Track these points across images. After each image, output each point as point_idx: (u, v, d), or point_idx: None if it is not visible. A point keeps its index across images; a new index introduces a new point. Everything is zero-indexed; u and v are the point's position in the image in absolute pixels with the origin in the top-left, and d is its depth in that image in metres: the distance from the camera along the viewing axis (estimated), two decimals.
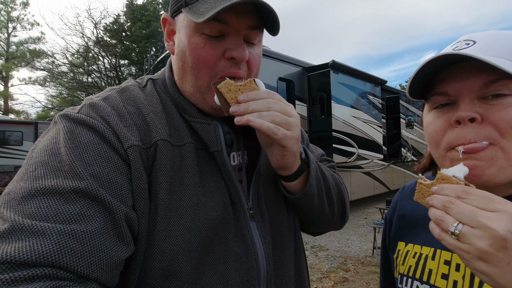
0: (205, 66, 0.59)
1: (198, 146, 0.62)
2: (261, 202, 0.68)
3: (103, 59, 19.52)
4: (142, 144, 0.54)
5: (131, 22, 19.31)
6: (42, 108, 20.80)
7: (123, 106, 0.57)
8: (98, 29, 18.89)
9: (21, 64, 20.89)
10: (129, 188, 0.51)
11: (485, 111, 0.48)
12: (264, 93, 0.59)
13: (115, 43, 19.43)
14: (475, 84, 0.50)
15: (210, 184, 0.61)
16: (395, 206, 0.76)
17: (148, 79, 0.68)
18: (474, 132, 0.48)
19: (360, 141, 7.24)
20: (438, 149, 0.55)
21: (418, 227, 0.66)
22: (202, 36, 0.58)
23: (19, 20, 22.30)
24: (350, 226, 6.54)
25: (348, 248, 5.14)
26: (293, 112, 0.61)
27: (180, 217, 0.54)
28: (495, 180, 0.49)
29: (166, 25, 0.66)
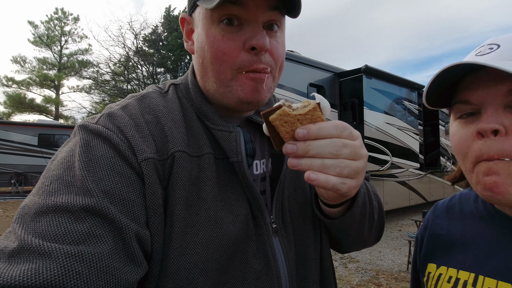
0: (226, 59, 0.55)
1: (218, 155, 0.59)
2: (285, 215, 0.63)
3: (141, 68, 20.81)
4: (158, 156, 0.52)
5: (167, 32, 20.42)
6: (87, 113, 22.54)
7: (141, 115, 0.55)
8: (138, 40, 20.21)
9: (70, 73, 23.00)
10: (142, 203, 0.48)
11: (511, 122, 0.45)
12: (331, 127, 0.47)
13: (153, 52, 20.63)
14: (500, 91, 0.46)
15: (230, 196, 0.57)
16: (427, 225, 0.71)
17: (171, 84, 0.66)
18: (498, 147, 0.45)
19: (394, 149, 6.91)
20: (465, 162, 0.51)
21: (454, 248, 0.61)
22: (220, 26, 0.54)
23: (70, 34, 24.62)
24: (383, 238, 6.23)
25: (380, 261, 4.90)
26: (362, 150, 0.50)
27: (197, 233, 0.51)
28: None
29: (184, 25, 0.64)
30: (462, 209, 0.65)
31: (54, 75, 23.55)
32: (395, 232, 6.68)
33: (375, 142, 6.46)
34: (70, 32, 24.72)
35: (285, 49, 0.62)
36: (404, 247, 5.43)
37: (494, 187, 0.45)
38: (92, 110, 22.54)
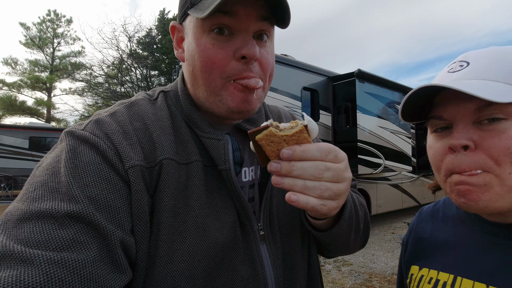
0: (215, 68, 0.55)
1: (206, 163, 0.59)
2: (273, 222, 0.63)
3: (135, 70, 20.69)
4: (146, 163, 0.52)
5: (161, 35, 20.40)
6: (80, 116, 22.27)
7: (130, 122, 0.55)
8: (132, 42, 20.12)
9: (63, 76, 22.74)
10: (128, 210, 0.48)
11: (479, 137, 0.48)
12: (315, 150, 0.48)
13: (147, 55, 20.57)
14: (468, 109, 0.49)
15: (217, 204, 0.57)
16: (412, 229, 0.74)
17: (160, 91, 0.66)
18: (468, 161, 0.48)
19: (387, 152, 6.98)
20: (439, 174, 0.54)
21: (436, 251, 0.64)
22: (210, 35, 0.54)
23: (63, 36, 24.39)
24: (376, 241, 6.27)
25: (374, 264, 4.92)
26: (345, 173, 0.51)
27: (184, 241, 0.51)
28: (493, 206, 0.48)
29: (175, 33, 0.64)
30: (446, 213, 0.68)
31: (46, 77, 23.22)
32: (388, 235, 6.73)
33: (368, 145, 6.52)
34: (63, 34, 24.48)
35: (274, 59, 0.63)
36: (397, 250, 5.46)
37: (467, 194, 0.48)
38: (85, 112, 22.29)
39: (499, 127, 0.47)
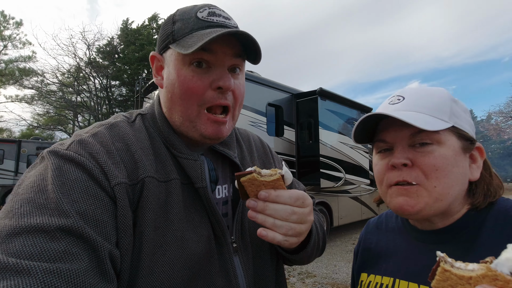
0: (193, 96, 0.61)
1: (184, 181, 0.64)
2: (245, 235, 0.69)
3: (94, 80, 19.58)
4: (129, 181, 0.55)
5: (124, 45, 19.68)
6: (27, 126, 20.31)
7: (112, 143, 0.58)
8: (91, 51, 19.11)
9: (8, 81, 20.64)
10: (114, 225, 0.51)
11: (414, 157, 0.59)
12: (287, 197, 0.58)
13: (107, 64, 19.62)
14: (405, 134, 0.60)
15: (194, 219, 0.62)
16: (361, 240, 0.82)
17: (138, 114, 0.70)
18: (406, 174, 0.59)
19: (347, 166, 7.36)
20: (382, 186, 0.65)
21: (380, 259, 0.72)
22: (190, 67, 0.61)
23: (10, 39, 22.31)
24: (338, 252, 6.48)
25: (336, 275, 5.07)
26: (309, 217, 0.62)
27: (164, 253, 0.55)
28: (423, 213, 0.58)
29: (154, 62, 0.69)
30: (387, 225, 0.78)
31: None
32: (349, 246, 7.00)
33: (329, 160, 6.82)
34: (11, 37, 22.43)
35: (244, 88, 0.71)
36: None
37: (403, 204, 0.59)
38: (34, 122, 20.40)
39: (428, 150, 0.58)
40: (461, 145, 0.60)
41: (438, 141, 0.58)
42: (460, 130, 0.60)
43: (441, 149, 0.58)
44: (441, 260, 0.40)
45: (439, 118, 0.59)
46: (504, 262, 0.35)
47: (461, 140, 0.60)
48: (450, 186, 0.57)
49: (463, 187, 0.60)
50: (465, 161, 0.60)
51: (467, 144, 0.61)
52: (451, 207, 0.60)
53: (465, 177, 0.60)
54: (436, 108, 0.60)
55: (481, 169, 0.62)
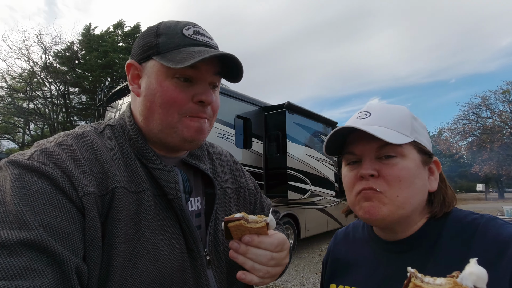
0: (175, 105, 0.63)
1: (156, 192, 0.63)
2: (219, 247, 0.70)
3: (49, 85, 18.20)
4: (99, 191, 0.54)
5: (86, 51, 18.65)
6: None
7: (80, 152, 0.56)
8: (48, 55, 17.84)
9: None
10: (81, 237, 0.49)
11: (380, 168, 0.63)
12: (268, 244, 0.63)
13: (66, 70, 18.40)
14: (373, 147, 0.64)
15: (167, 230, 0.61)
16: (330, 250, 0.84)
17: (106, 125, 0.69)
18: (372, 183, 0.63)
19: (314, 179, 7.54)
20: (351, 195, 0.68)
21: (349, 269, 0.74)
22: (174, 80, 0.63)
23: None
24: (305, 264, 6.54)
25: (303, 287, 5.08)
26: (285, 260, 0.67)
27: (135, 266, 0.54)
28: (388, 220, 0.62)
29: (131, 70, 0.69)
30: (355, 235, 0.80)
31: None
32: (316, 257, 7.10)
33: (297, 172, 6.95)
34: None
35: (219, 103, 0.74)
36: None
37: (370, 210, 0.62)
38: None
39: (392, 162, 0.62)
40: (421, 158, 0.65)
41: (402, 154, 0.63)
42: (420, 145, 0.65)
43: (404, 161, 0.62)
44: (412, 276, 0.42)
45: (402, 133, 0.64)
46: (468, 276, 0.39)
47: (421, 154, 0.65)
48: (411, 196, 0.62)
49: (423, 197, 0.64)
50: (424, 174, 0.65)
51: (426, 158, 0.66)
52: (412, 217, 0.64)
53: (425, 188, 0.65)
54: (399, 124, 0.65)
55: (438, 181, 0.67)
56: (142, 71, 0.67)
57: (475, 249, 0.56)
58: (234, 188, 0.85)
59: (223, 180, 0.82)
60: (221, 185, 0.79)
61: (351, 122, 0.68)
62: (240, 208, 0.85)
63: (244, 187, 0.89)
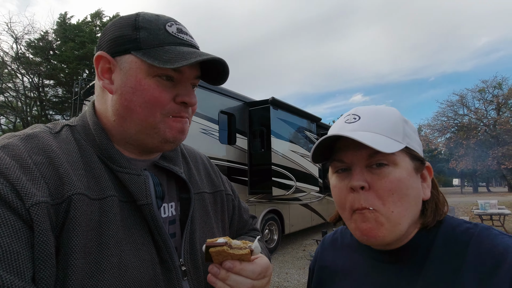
0: (157, 105, 0.59)
1: (122, 198, 0.58)
2: (196, 257, 0.66)
3: (22, 77, 17.22)
4: (52, 199, 0.48)
5: (61, 41, 17.74)
6: None
7: (28, 156, 0.50)
8: (20, 44, 16.84)
9: None
10: (29, 255, 0.43)
11: (371, 179, 0.58)
12: (250, 271, 0.59)
13: (40, 61, 17.46)
14: (363, 155, 0.60)
15: (136, 241, 0.56)
16: (317, 257, 0.81)
17: (64, 125, 0.62)
18: (363, 198, 0.58)
19: (298, 174, 7.56)
20: (344, 211, 0.63)
21: (336, 277, 0.71)
22: (155, 79, 0.59)
23: None
24: (289, 259, 6.55)
25: (287, 283, 5.08)
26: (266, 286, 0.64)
27: (96, 284, 0.48)
28: (386, 240, 0.58)
29: (100, 63, 0.62)
30: (343, 241, 0.77)
31: None
32: (300, 253, 7.14)
33: (281, 168, 6.93)
34: None
35: None
36: (307, 266, 5.81)
37: (368, 232, 0.58)
38: None
39: (384, 171, 0.58)
40: (413, 165, 0.61)
41: (394, 163, 0.59)
42: (412, 151, 0.61)
43: (397, 171, 0.58)
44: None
45: (394, 139, 0.59)
46: None
47: (413, 161, 0.61)
48: (406, 208, 0.58)
49: (418, 208, 0.61)
50: (418, 182, 0.61)
51: (418, 164, 0.62)
52: (407, 229, 0.60)
53: (419, 198, 0.61)
54: (390, 129, 0.61)
55: (430, 188, 0.64)
56: (116, 65, 0.61)
57: (469, 261, 0.54)
58: (211, 192, 0.81)
59: (199, 184, 0.77)
60: (197, 189, 0.75)
61: (339, 127, 0.64)
62: (218, 214, 0.80)
63: (222, 191, 0.84)
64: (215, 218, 0.77)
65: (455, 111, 25.69)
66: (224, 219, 0.81)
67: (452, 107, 25.64)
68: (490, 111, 24.04)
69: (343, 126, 0.64)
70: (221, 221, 0.80)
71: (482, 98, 24.31)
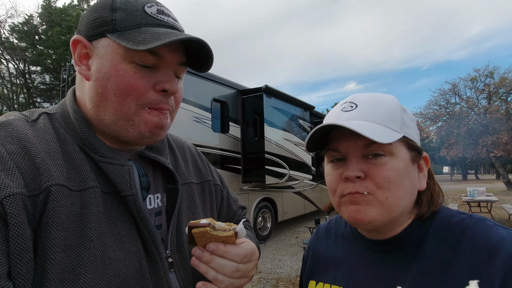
0: (133, 94, 0.56)
1: (105, 189, 0.56)
2: (183, 248, 0.64)
3: (7, 63, 16.63)
4: (28, 191, 0.45)
5: (47, 25, 17.08)
6: None
7: (1, 144, 0.47)
8: (3, 28, 16.18)
9: None
10: (4, 250, 0.41)
11: (367, 168, 0.58)
12: (234, 254, 0.58)
13: (25, 46, 16.84)
14: (359, 145, 0.59)
15: (120, 233, 0.55)
16: (310, 246, 0.81)
17: (42, 113, 0.59)
18: (359, 186, 0.58)
19: (292, 163, 7.58)
20: (335, 196, 0.63)
21: (329, 267, 0.71)
22: (132, 64, 0.56)
23: None
24: (282, 246, 6.65)
25: (280, 269, 5.17)
26: (251, 272, 0.62)
27: (77, 278, 0.47)
28: (375, 222, 0.58)
29: (77, 48, 0.59)
30: (337, 231, 0.77)
31: None
32: (293, 240, 7.25)
33: (274, 156, 6.93)
34: None
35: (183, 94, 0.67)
36: (300, 253, 5.91)
37: (356, 214, 0.58)
38: None
39: (381, 161, 0.58)
40: (410, 156, 0.60)
41: (391, 153, 0.58)
42: (410, 141, 0.61)
43: (394, 161, 0.58)
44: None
45: (391, 128, 0.58)
46: None
47: (411, 151, 0.61)
48: (401, 197, 0.58)
49: (412, 198, 0.60)
50: (414, 172, 0.61)
51: (415, 155, 0.61)
52: (400, 218, 0.61)
53: (414, 188, 0.60)
54: (388, 118, 0.59)
55: (426, 178, 0.63)
56: (93, 50, 0.58)
57: (462, 252, 0.54)
58: (199, 183, 0.79)
59: (186, 174, 0.75)
60: (184, 180, 0.73)
61: (335, 115, 0.63)
62: (206, 204, 0.78)
63: (210, 181, 0.83)
64: (203, 209, 0.76)
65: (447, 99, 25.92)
66: (212, 210, 0.80)
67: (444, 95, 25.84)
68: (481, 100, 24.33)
69: (339, 115, 0.62)
70: (209, 212, 0.79)
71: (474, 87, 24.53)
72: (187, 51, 0.62)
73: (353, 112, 0.61)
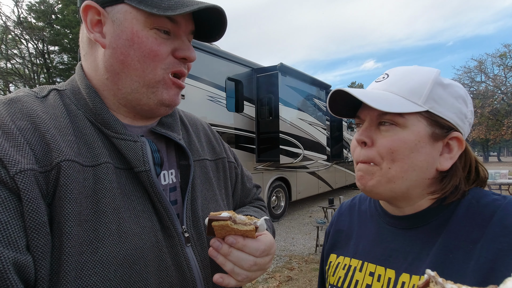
0: (157, 60, 0.57)
1: (118, 165, 0.56)
2: (198, 223, 0.65)
3: (26, 43, 16.96)
4: (39, 167, 0.46)
5: (62, 4, 17.11)
6: None
7: (11, 121, 0.47)
8: (20, 8, 16.34)
9: None
10: (20, 224, 0.42)
11: (376, 136, 0.60)
12: (253, 249, 0.58)
13: (43, 26, 17.03)
14: (374, 113, 0.61)
15: (136, 208, 0.55)
16: (333, 221, 0.83)
17: (52, 89, 0.59)
18: (364, 154, 0.61)
19: (306, 143, 7.52)
20: (354, 161, 0.67)
21: (350, 241, 0.73)
22: (153, 31, 0.56)
23: None
24: (296, 225, 6.77)
25: (293, 247, 5.29)
26: (267, 265, 0.62)
27: (95, 251, 0.47)
28: (375, 190, 0.61)
29: (89, 14, 0.57)
30: (360, 208, 0.78)
31: None
32: (306, 219, 7.35)
33: (289, 136, 6.89)
34: None
35: None
36: (313, 232, 6.01)
37: (360, 179, 0.63)
38: None
39: (390, 130, 0.59)
40: (430, 131, 0.58)
41: (402, 124, 0.58)
42: (436, 117, 0.58)
43: (403, 132, 0.58)
44: (431, 281, 0.37)
45: (411, 100, 0.58)
46: None
47: (434, 127, 0.58)
48: (405, 170, 0.58)
49: (424, 174, 0.59)
50: (432, 149, 0.58)
51: (440, 131, 0.58)
52: (411, 192, 0.60)
53: (428, 165, 0.58)
54: (410, 90, 0.58)
55: (454, 161, 0.60)
56: (107, 17, 0.56)
57: (491, 231, 0.52)
58: (213, 160, 0.79)
59: (200, 151, 0.75)
60: (197, 156, 0.73)
61: (370, 85, 0.67)
62: (220, 181, 0.78)
63: (224, 159, 0.83)
64: (217, 185, 0.76)
65: (472, 78, 24.51)
66: (227, 187, 0.80)
67: (469, 73, 24.44)
68: (509, 78, 22.86)
69: (371, 85, 0.66)
70: (224, 189, 0.79)
71: (502, 63, 22.98)
72: (200, 21, 0.62)
73: (381, 82, 0.63)
